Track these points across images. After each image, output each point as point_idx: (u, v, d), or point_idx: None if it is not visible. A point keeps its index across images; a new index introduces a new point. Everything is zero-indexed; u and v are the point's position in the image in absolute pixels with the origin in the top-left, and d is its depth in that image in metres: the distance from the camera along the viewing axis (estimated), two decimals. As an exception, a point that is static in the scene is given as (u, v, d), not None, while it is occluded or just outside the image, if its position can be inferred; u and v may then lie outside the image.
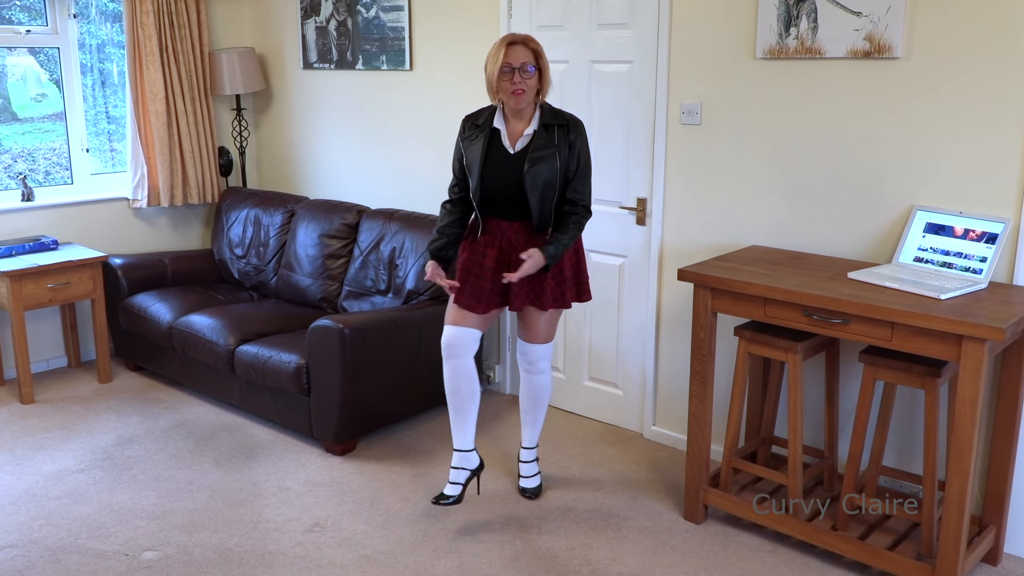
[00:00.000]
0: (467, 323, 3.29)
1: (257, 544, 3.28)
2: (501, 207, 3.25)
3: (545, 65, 3.18)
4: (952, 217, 3.09)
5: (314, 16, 5.17)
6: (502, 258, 3.27)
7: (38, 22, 4.96)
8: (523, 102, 3.15)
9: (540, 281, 3.27)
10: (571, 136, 3.20)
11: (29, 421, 4.37)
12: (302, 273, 4.84)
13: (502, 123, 3.24)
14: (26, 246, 4.68)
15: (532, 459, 3.65)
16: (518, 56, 3.10)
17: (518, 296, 3.26)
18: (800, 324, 3.01)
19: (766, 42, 3.45)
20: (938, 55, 3.10)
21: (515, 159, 3.20)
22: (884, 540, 3.08)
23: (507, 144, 3.22)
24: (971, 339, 2.64)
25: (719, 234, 3.74)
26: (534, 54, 3.14)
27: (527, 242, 3.25)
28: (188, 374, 4.61)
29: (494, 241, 3.28)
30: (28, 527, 3.40)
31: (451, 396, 3.34)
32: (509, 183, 3.19)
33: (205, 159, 5.36)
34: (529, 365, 3.47)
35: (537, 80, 3.15)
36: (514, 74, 3.10)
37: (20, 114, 5.09)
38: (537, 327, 3.39)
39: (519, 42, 3.13)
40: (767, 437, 3.56)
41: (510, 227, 3.27)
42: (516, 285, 3.23)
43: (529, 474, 3.64)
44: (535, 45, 3.15)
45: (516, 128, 3.23)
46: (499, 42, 3.14)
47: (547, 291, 3.28)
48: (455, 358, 3.29)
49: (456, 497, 3.37)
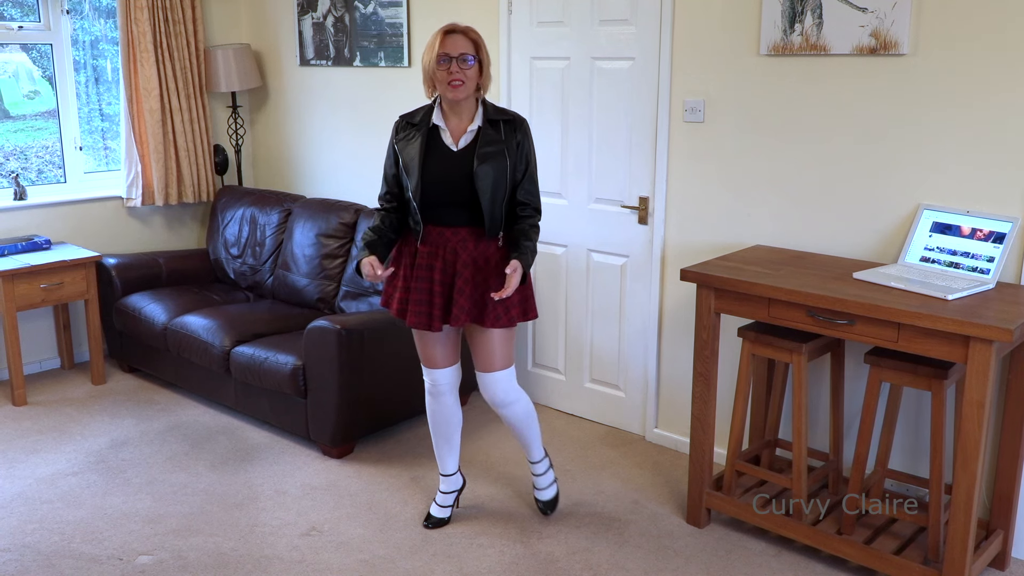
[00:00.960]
0: (443, 362, 3.20)
1: (253, 548, 3.24)
2: (444, 211, 2.99)
3: (486, 58, 2.97)
4: (959, 216, 3.05)
5: (311, 12, 5.12)
6: (447, 269, 3.01)
7: (31, 18, 4.90)
8: (461, 94, 2.92)
9: (483, 296, 3.02)
10: (518, 135, 3.00)
11: (22, 423, 4.32)
12: (299, 273, 4.79)
13: (441, 120, 3.00)
14: (18, 246, 4.63)
15: (542, 471, 3.42)
16: (456, 46, 2.90)
17: (462, 310, 2.99)
18: (805, 325, 2.96)
19: (770, 38, 3.40)
20: (945, 52, 3.05)
21: (459, 157, 2.97)
22: (890, 544, 3.05)
23: (449, 142, 2.99)
24: (978, 340, 2.60)
25: (722, 233, 3.70)
26: (474, 44, 2.93)
27: (474, 249, 3.01)
28: (183, 376, 4.56)
29: (437, 252, 3.02)
30: (21, 531, 3.35)
31: (435, 428, 3.34)
32: (454, 183, 2.95)
33: (200, 157, 5.31)
34: (493, 403, 3.19)
35: (477, 73, 2.94)
36: (452, 63, 2.88)
37: (12, 112, 5.04)
38: (490, 350, 3.11)
39: (458, 31, 2.93)
40: (771, 440, 3.52)
41: (455, 234, 3.00)
42: (461, 299, 2.99)
43: (542, 485, 3.44)
44: (475, 35, 2.95)
45: (457, 125, 3.00)
46: (437, 31, 2.94)
47: (488, 307, 3.01)
48: (439, 395, 3.26)
49: (447, 518, 3.42)
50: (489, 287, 3.00)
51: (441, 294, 3.02)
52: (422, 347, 3.21)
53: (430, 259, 3.03)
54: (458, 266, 3.00)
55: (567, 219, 4.21)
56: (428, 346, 3.19)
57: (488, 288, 3.01)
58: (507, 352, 3.15)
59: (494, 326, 3.03)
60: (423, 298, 3.03)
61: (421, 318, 3.04)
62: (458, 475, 3.43)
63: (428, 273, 3.03)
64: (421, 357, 3.24)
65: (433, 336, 3.15)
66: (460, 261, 3.00)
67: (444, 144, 3.00)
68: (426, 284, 3.03)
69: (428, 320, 3.04)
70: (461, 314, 3.00)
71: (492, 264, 3.03)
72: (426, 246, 3.04)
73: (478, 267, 3.02)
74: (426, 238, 3.04)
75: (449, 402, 3.27)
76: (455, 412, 3.31)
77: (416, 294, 3.03)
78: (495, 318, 3.02)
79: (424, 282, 3.03)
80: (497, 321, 3.03)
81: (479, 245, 3.02)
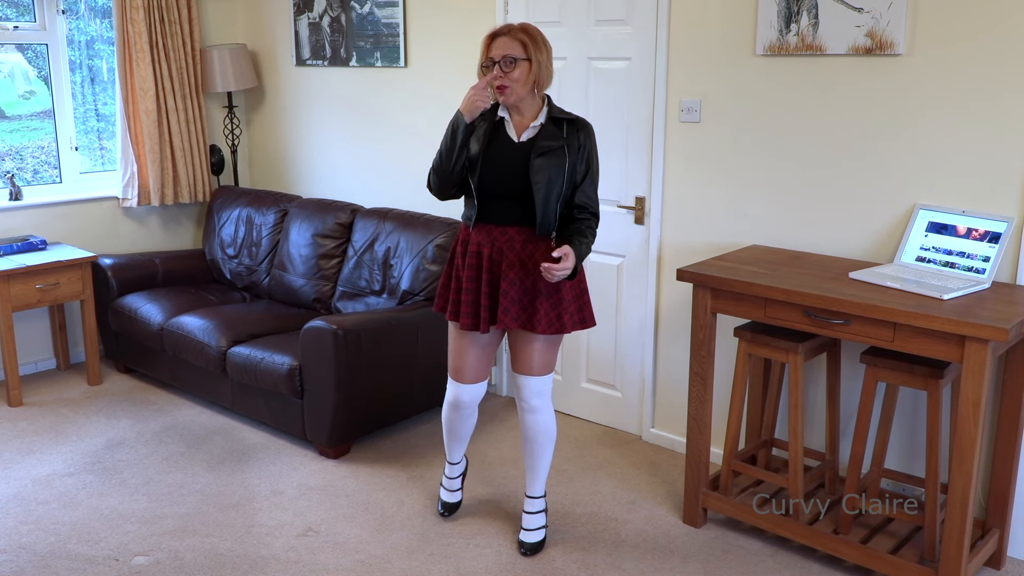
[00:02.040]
0: (473, 376, 3.09)
1: (249, 549, 3.23)
2: (498, 205, 2.92)
3: (539, 55, 2.85)
4: (955, 216, 3.06)
5: (307, 12, 5.11)
6: (494, 269, 2.95)
7: (26, 18, 4.89)
8: (511, 98, 2.86)
9: (532, 300, 2.93)
10: (581, 136, 2.91)
11: (17, 424, 4.31)
12: (295, 273, 4.79)
13: (506, 112, 2.95)
14: (14, 246, 4.62)
15: (535, 510, 3.22)
16: (500, 48, 2.83)
17: (506, 312, 2.91)
18: (801, 325, 2.97)
19: (766, 38, 3.41)
20: (941, 52, 3.06)
21: (520, 148, 2.90)
22: (886, 544, 3.05)
23: (512, 133, 2.93)
24: (974, 340, 2.61)
25: (719, 233, 3.70)
26: (521, 44, 2.82)
27: (521, 250, 2.92)
28: (179, 376, 4.55)
29: (483, 251, 2.95)
30: (16, 532, 3.34)
31: (448, 431, 3.31)
32: (510, 174, 2.88)
33: (196, 157, 5.30)
34: (523, 402, 3.08)
35: (526, 72, 2.84)
36: (495, 68, 2.83)
37: (8, 112, 5.02)
38: (530, 355, 3.01)
39: (503, 33, 2.85)
40: (768, 440, 3.52)
41: (503, 234, 2.93)
42: (505, 300, 2.91)
43: (530, 527, 3.22)
44: (522, 35, 2.83)
45: (520, 121, 2.94)
46: (485, 36, 2.90)
47: (540, 312, 2.92)
48: (460, 409, 3.18)
49: (459, 501, 3.47)
50: (538, 290, 2.91)
51: (488, 295, 2.94)
52: (456, 354, 3.09)
53: (478, 258, 2.96)
54: (504, 266, 2.92)
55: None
56: (464, 354, 3.07)
57: (537, 292, 2.91)
58: (550, 358, 3.05)
59: (545, 332, 2.93)
60: (473, 298, 2.96)
61: (472, 319, 2.97)
62: (461, 462, 3.43)
63: (476, 272, 2.96)
64: (451, 366, 3.12)
65: (473, 344, 3.05)
66: (506, 261, 2.92)
67: (507, 135, 2.94)
68: (475, 284, 2.96)
69: (476, 321, 2.97)
70: (505, 316, 2.91)
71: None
72: (475, 243, 2.97)
73: (526, 269, 2.93)
74: (476, 232, 2.97)
75: (467, 414, 3.21)
76: (472, 420, 3.27)
77: (467, 295, 2.97)
78: (548, 324, 2.93)
79: (473, 282, 2.96)
80: (550, 327, 2.93)
81: (527, 246, 2.93)
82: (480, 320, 2.95)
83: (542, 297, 2.92)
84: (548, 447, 3.15)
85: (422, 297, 4.25)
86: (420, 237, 4.32)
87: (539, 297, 2.92)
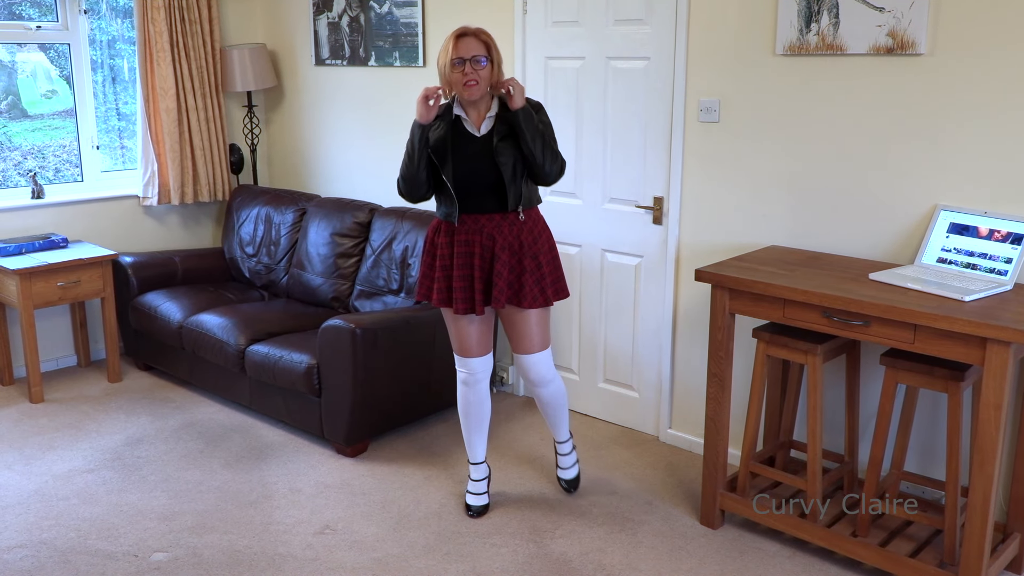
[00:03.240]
0: (478, 350, 3.30)
1: (267, 546, 3.25)
2: (477, 197, 3.15)
3: (498, 57, 3.12)
4: (976, 217, 3.03)
5: (326, 12, 5.13)
6: (485, 254, 3.17)
7: (48, 18, 4.93)
8: (476, 94, 3.08)
9: (518, 278, 3.18)
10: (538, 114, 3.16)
11: (38, 420, 4.35)
12: (313, 272, 4.80)
13: (462, 110, 3.17)
14: (36, 244, 4.66)
15: (567, 452, 3.61)
16: (469, 48, 3.06)
17: (501, 293, 3.15)
18: (820, 326, 2.95)
19: (786, 38, 3.39)
20: (963, 52, 3.03)
21: (482, 140, 3.14)
22: (905, 547, 3.03)
23: (472, 128, 3.15)
24: (995, 342, 2.58)
25: (737, 234, 3.68)
26: (486, 46, 3.09)
27: (508, 233, 3.16)
28: (198, 374, 4.58)
29: (474, 238, 3.17)
30: (37, 528, 3.37)
31: (467, 416, 3.43)
32: (482, 167, 3.12)
33: (216, 156, 5.33)
34: (532, 383, 3.38)
35: (490, 72, 3.09)
36: (465, 65, 3.05)
37: (30, 111, 5.07)
38: (528, 332, 3.27)
39: (470, 34, 3.09)
40: (786, 441, 3.51)
41: (489, 220, 3.16)
42: (500, 282, 3.13)
43: (566, 465, 3.62)
44: (487, 37, 3.11)
45: (478, 115, 3.17)
46: (449, 35, 3.10)
47: (526, 288, 3.18)
48: (474, 384, 3.36)
49: (487, 504, 3.51)
50: (524, 269, 3.17)
51: (481, 279, 3.17)
52: (458, 336, 3.30)
53: (468, 246, 3.18)
54: (496, 250, 3.16)
55: (581, 219, 4.20)
56: (465, 334, 3.28)
57: (523, 270, 3.17)
58: (545, 333, 3.31)
59: (531, 306, 3.19)
60: (466, 284, 3.19)
61: (467, 304, 3.19)
62: (485, 464, 3.51)
63: (468, 260, 3.18)
64: (456, 347, 3.33)
65: (470, 324, 3.26)
66: (497, 245, 3.16)
67: (467, 131, 3.16)
68: (467, 271, 3.18)
69: (472, 304, 3.19)
70: (501, 296, 3.15)
71: (527, 247, 3.19)
72: (462, 234, 3.18)
73: (513, 251, 3.17)
74: (461, 226, 3.18)
75: (482, 390, 3.38)
76: (487, 400, 3.41)
77: (459, 281, 3.18)
78: (532, 299, 3.19)
79: (465, 269, 3.18)
80: (535, 302, 3.19)
81: (512, 228, 3.18)
82: (475, 303, 3.18)
83: (527, 274, 3.18)
84: (565, 405, 3.49)
85: (439, 296, 4.25)
86: (438, 236, 4.33)
87: (524, 274, 3.18)
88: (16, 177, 4.98)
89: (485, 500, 3.50)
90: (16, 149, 4.99)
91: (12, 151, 4.98)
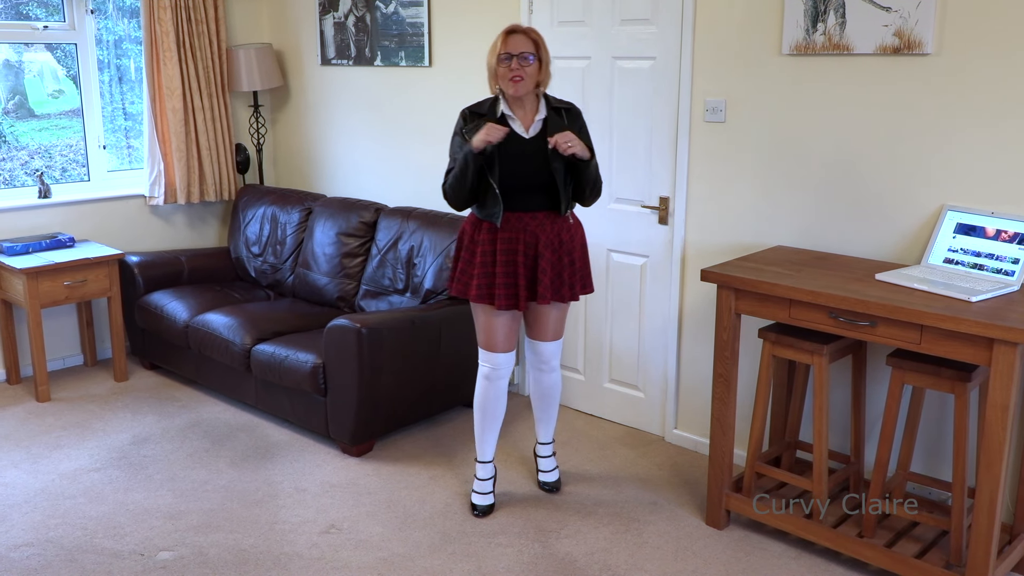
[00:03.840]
0: (505, 346, 3.34)
1: (273, 545, 3.25)
2: (522, 196, 3.20)
3: (546, 56, 3.19)
4: (983, 217, 3.02)
5: (332, 12, 5.13)
6: (528, 252, 3.22)
7: (55, 18, 4.94)
8: (522, 90, 3.14)
9: (559, 274, 3.26)
10: (579, 122, 3.26)
11: (45, 419, 4.36)
12: (319, 272, 4.81)
13: (508, 109, 3.21)
14: (43, 243, 4.67)
15: (550, 454, 3.67)
16: (518, 45, 3.12)
17: (547, 289, 3.22)
18: (826, 326, 2.94)
19: (792, 38, 3.38)
20: (970, 51, 3.02)
21: (532, 143, 3.18)
22: (912, 548, 3.02)
23: (520, 129, 3.19)
24: (1002, 343, 2.58)
25: (743, 234, 3.68)
26: (534, 43, 3.15)
27: (551, 231, 3.23)
28: (204, 373, 4.59)
29: (518, 236, 3.22)
30: (44, 526, 3.38)
31: (482, 413, 3.44)
32: (530, 169, 3.17)
33: (222, 156, 5.34)
34: (542, 364, 3.48)
35: (537, 70, 3.16)
36: (513, 61, 3.11)
37: (37, 110, 5.08)
38: (548, 324, 3.39)
39: (520, 31, 3.15)
40: (792, 442, 3.50)
41: (533, 218, 3.22)
42: (545, 279, 3.20)
43: (549, 468, 3.67)
44: (536, 36, 3.17)
45: (524, 116, 3.22)
46: (501, 32, 3.17)
47: (566, 284, 3.28)
48: (497, 380, 3.38)
49: (492, 504, 3.51)
50: (563, 266, 3.27)
51: (525, 276, 3.23)
52: (489, 331, 3.33)
53: (512, 244, 3.22)
54: (539, 247, 3.22)
55: (587, 219, 4.19)
56: (496, 330, 3.31)
57: (562, 267, 3.26)
58: (562, 325, 3.45)
59: (572, 300, 3.33)
60: (509, 281, 3.24)
61: (510, 300, 3.24)
62: (492, 464, 3.52)
63: (512, 257, 3.22)
64: (483, 342, 3.35)
65: (503, 320, 3.30)
66: (541, 243, 3.22)
67: (515, 133, 3.19)
68: (511, 268, 3.23)
69: (515, 301, 3.24)
70: (547, 292, 3.23)
71: (565, 244, 3.27)
72: (506, 232, 3.22)
73: (554, 248, 3.25)
74: (505, 224, 3.22)
75: (502, 387, 3.41)
76: (504, 397, 3.44)
77: (502, 278, 3.23)
78: (572, 294, 3.32)
79: (510, 266, 3.23)
80: (573, 296, 3.32)
81: (554, 226, 3.25)
82: (519, 299, 3.24)
83: (566, 271, 3.28)
84: (558, 399, 3.61)
85: (445, 296, 4.26)
86: (443, 236, 4.33)
87: (564, 271, 3.28)
88: (23, 176, 4.99)
89: (490, 500, 3.50)
90: (23, 149, 5.01)
91: (19, 151, 4.99)
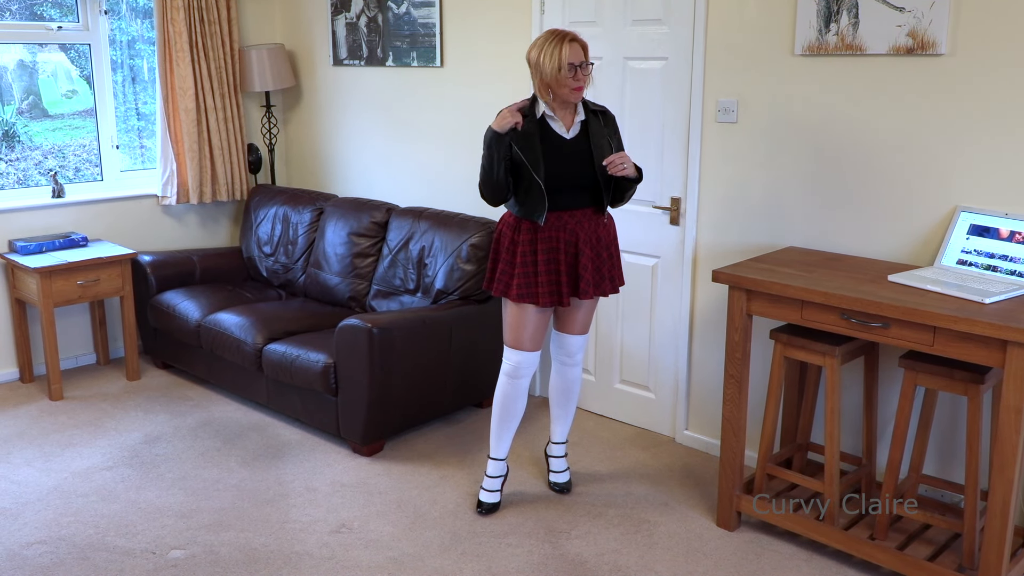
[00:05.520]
0: (532, 345, 3.35)
1: (283, 544, 3.26)
2: (565, 195, 3.23)
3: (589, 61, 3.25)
4: (997, 219, 3.00)
5: (344, 12, 5.14)
6: (569, 249, 3.26)
7: (69, 18, 4.97)
8: (580, 97, 3.20)
9: (598, 270, 3.31)
10: (612, 124, 3.33)
11: (58, 418, 4.38)
12: (330, 272, 4.82)
13: (549, 111, 3.23)
14: (56, 243, 4.70)
15: (563, 454, 3.67)
16: (578, 55, 3.15)
17: (588, 285, 3.26)
18: (838, 328, 2.93)
19: (805, 38, 3.37)
20: (984, 52, 3.01)
21: (573, 144, 3.23)
22: (924, 551, 3.01)
23: (561, 131, 3.23)
24: (1016, 345, 2.56)
25: (755, 235, 3.67)
26: (585, 51, 3.19)
27: (589, 229, 3.27)
28: (216, 372, 4.60)
29: (559, 235, 3.25)
30: (56, 524, 3.40)
31: (501, 410, 3.43)
32: (574, 169, 3.22)
33: (234, 156, 5.36)
34: (567, 357, 3.50)
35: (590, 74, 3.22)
36: (576, 72, 3.13)
37: (51, 111, 5.11)
38: (579, 316, 3.42)
39: (577, 40, 3.17)
40: (803, 443, 3.49)
41: (571, 216, 3.25)
42: (586, 275, 3.25)
43: (561, 468, 3.67)
44: (584, 43, 3.21)
45: (564, 117, 3.25)
46: (553, 39, 3.13)
47: (604, 277, 3.33)
48: (520, 378, 3.39)
49: (499, 503, 3.51)
50: (602, 261, 3.32)
51: (567, 272, 3.27)
52: (519, 329, 3.34)
53: (553, 242, 3.25)
54: (579, 245, 3.27)
55: (598, 219, 4.20)
56: (526, 329, 3.33)
57: (601, 263, 3.32)
58: (590, 319, 3.49)
59: (611, 293, 3.38)
60: (552, 279, 3.27)
61: (553, 297, 3.28)
62: (504, 462, 3.51)
63: (554, 255, 3.26)
64: (512, 339, 3.36)
65: (535, 320, 3.33)
66: (581, 240, 3.27)
67: (556, 133, 3.24)
68: (553, 266, 3.27)
69: (559, 297, 3.29)
70: (588, 288, 3.28)
71: (602, 239, 3.33)
72: (547, 231, 3.25)
73: (592, 245, 3.30)
74: (545, 223, 3.25)
75: (523, 385, 3.41)
76: (524, 397, 3.44)
77: (545, 276, 3.27)
78: (611, 288, 3.38)
79: (552, 264, 3.27)
80: (610, 290, 3.37)
81: (591, 224, 3.30)
82: (563, 296, 3.29)
83: (604, 266, 3.33)
84: (577, 396, 3.62)
85: (456, 296, 4.26)
86: (455, 237, 4.33)
87: (603, 266, 3.34)
88: (37, 176, 5.02)
89: (497, 498, 3.50)
90: (37, 148, 5.03)
91: (33, 150, 5.02)
